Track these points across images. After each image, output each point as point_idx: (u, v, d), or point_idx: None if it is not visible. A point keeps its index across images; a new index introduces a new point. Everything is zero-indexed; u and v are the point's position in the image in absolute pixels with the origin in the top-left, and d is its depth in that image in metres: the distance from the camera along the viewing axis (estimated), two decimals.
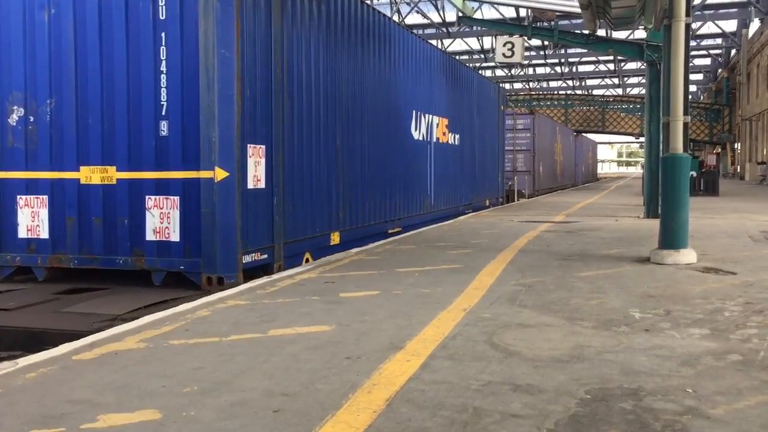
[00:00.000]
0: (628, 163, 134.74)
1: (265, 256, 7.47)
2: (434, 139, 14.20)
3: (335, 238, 9.28)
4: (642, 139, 33.32)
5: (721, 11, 40.08)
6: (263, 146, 7.42)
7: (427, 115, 13.71)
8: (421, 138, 13.33)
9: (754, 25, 41.09)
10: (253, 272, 7.21)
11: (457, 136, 15.87)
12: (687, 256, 7.52)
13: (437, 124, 14.42)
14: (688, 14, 7.82)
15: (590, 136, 58.68)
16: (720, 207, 16.92)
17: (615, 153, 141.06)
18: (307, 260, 8.44)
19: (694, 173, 23.42)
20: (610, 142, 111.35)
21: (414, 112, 12.85)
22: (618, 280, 6.46)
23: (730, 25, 44.48)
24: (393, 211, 11.77)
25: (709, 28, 43.31)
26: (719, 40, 47.13)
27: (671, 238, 7.64)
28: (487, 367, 3.70)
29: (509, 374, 3.56)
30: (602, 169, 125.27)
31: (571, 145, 39.30)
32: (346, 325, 4.70)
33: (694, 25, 34.01)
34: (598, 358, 3.86)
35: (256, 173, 7.25)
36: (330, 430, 2.85)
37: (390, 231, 11.46)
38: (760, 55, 38.61)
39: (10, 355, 5.01)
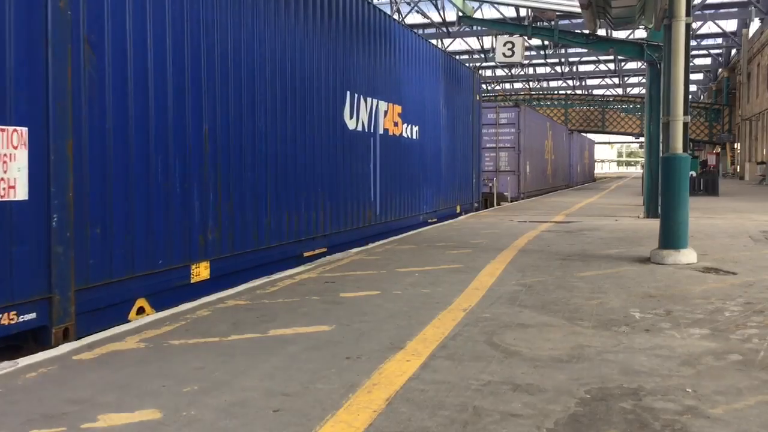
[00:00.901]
0: (628, 163, 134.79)
1: (32, 315, 4.67)
2: (380, 131, 11.15)
3: (201, 272, 6.51)
4: (642, 139, 33.35)
5: (722, 11, 40.08)
6: (23, 129, 4.61)
7: (369, 100, 10.71)
8: (360, 128, 10.37)
9: (755, 24, 41.10)
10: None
11: (416, 129, 12.83)
12: (687, 256, 7.52)
13: (386, 112, 11.36)
14: (688, 14, 7.82)
15: (590, 135, 58.57)
16: (720, 207, 16.92)
17: (615, 153, 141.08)
18: (141, 311, 5.76)
19: (693, 173, 23.41)
20: (610, 142, 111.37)
21: (349, 93, 9.96)
22: (618, 280, 6.46)
23: (731, 25, 44.51)
24: (311, 227, 8.74)
25: (710, 27, 43.34)
26: (719, 40, 47.14)
27: (671, 238, 7.64)
28: (487, 366, 3.70)
29: (509, 374, 3.57)
30: (602, 169, 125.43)
31: (565, 143, 36.85)
32: (346, 325, 4.71)
33: (694, 25, 34.00)
34: (598, 358, 3.86)
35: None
36: (330, 430, 2.85)
37: (307, 254, 8.61)
38: (761, 54, 38.61)
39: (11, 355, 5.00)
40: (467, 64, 17.48)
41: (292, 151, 8.33)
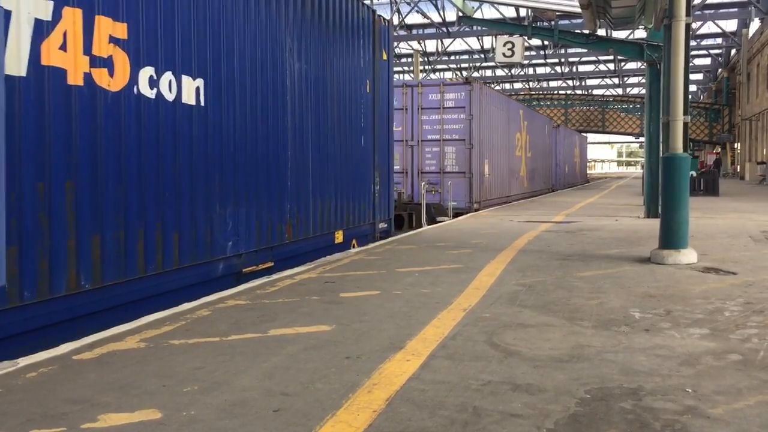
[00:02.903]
0: (628, 163, 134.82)
1: None
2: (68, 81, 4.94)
3: None
4: (642, 139, 33.30)
5: (721, 11, 40.08)
6: None
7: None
8: None
9: (754, 24, 41.10)
10: None
11: (200, 85, 6.50)
12: (687, 256, 7.52)
13: (94, 29, 5.15)
14: (688, 14, 7.82)
15: (590, 135, 58.45)
16: (720, 207, 16.92)
17: (615, 153, 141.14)
18: None
19: (694, 173, 23.33)
20: (610, 142, 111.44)
21: None
22: (618, 280, 6.46)
23: (730, 25, 44.51)
24: None
25: (709, 27, 43.34)
26: (719, 40, 47.14)
27: (671, 238, 7.64)
28: (487, 366, 3.70)
29: (509, 374, 3.57)
30: (602, 169, 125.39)
31: (548, 138, 30.60)
32: (346, 324, 4.71)
33: (694, 25, 34.05)
34: (598, 357, 3.86)
35: None
36: (330, 430, 2.85)
37: None
38: (760, 54, 38.61)
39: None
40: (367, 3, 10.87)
41: None
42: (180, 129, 6.25)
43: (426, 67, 50.92)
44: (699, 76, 59.63)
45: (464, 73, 53.14)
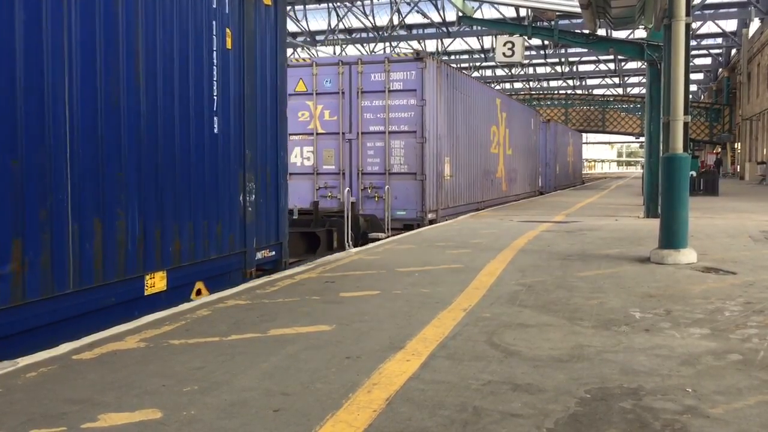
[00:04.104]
0: (628, 163, 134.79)
1: None
2: None
3: None
4: (642, 138, 33.25)
5: (721, 11, 40.08)
6: None
7: None
8: None
9: (754, 24, 41.09)
10: None
11: None
12: (687, 255, 7.52)
13: None
14: (688, 14, 7.82)
15: (590, 135, 58.41)
16: (720, 207, 16.92)
17: (615, 153, 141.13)
18: None
19: (693, 173, 23.27)
20: (610, 141, 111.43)
21: None
22: (618, 279, 6.46)
23: (731, 25, 44.50)
24: None
25: (710, 27, 43.33)
26: (719, 40, 47.14)
27: (671, 237, 7.64)
28: (487, 366, 3.70)
29: (509, 374, 3.57)
30: (602, 169, 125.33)
31: (534, 133, 26.88)
32: (346, 324, 4.71)
33: (694, 25, 34.00)
34: (598, 357, 3.86)
35: None
36: (330, 430, 2.85)
37: None
38: (761, 54, 38.61)
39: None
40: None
41: None
42: None
43: None
44: (699, 76, 59.63)
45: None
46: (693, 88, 64.70)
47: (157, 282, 5.98)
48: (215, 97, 6.76)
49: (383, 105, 13.78)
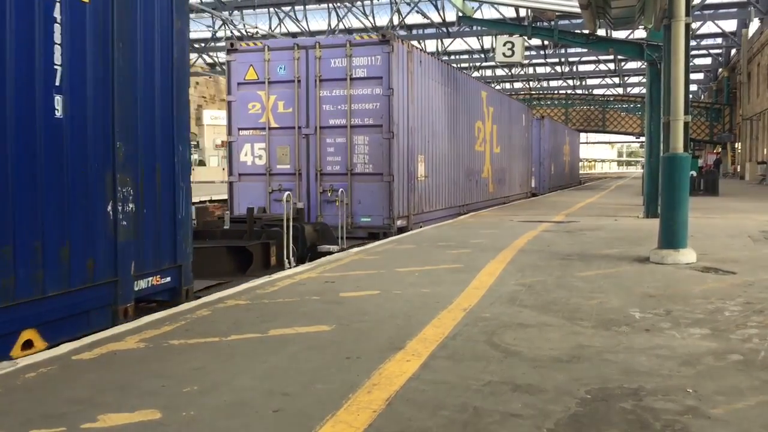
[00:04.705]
0: (629, 163, 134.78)
1: None
2: None
3: None
4: (642, 138, 33.24)
5: (721, 11, 40.08)
6: None
7: None
8: None
9: (754, 24, 41.10)
10: None
11: None
12: (687, 255, 7.52)
13: None
14: (688, 14, 7.82)
15: (590, 135, 58.40)
16: (720, 207, 16.92)
17: (615, 153, 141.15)
18: None
19: (694, 173, 23.20)
20: (610, 141, 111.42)
21: None
22: (618, 279, 6.46)
23: (730, 25, 44.50)
24: None
25: (709, 27, 43.30)
26: (719, 40, 47.13)
27: (671, 237, 7.64)
28: (487, 366, 3.69)
29: (509, 374, 3.56)
30: (602, 169, 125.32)
31: (524, 130, 24.82)
32: (346, 324, 4.70)
33: (694, 25, 33.99)
34: (598, 357, 3.85)
35: None
36: (330, 430, 2.85)
37: None
38: (761, 54, 38.61)
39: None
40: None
41: None
42: None
43: None
44: (699, 76, 59.63)
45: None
46: (693, 88, 64.69)
47: None
48: (57, 68, 4.84)
49: (345, 95, 11.97)
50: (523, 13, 31.05)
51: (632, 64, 53.92)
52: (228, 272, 8.80)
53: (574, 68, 57.10)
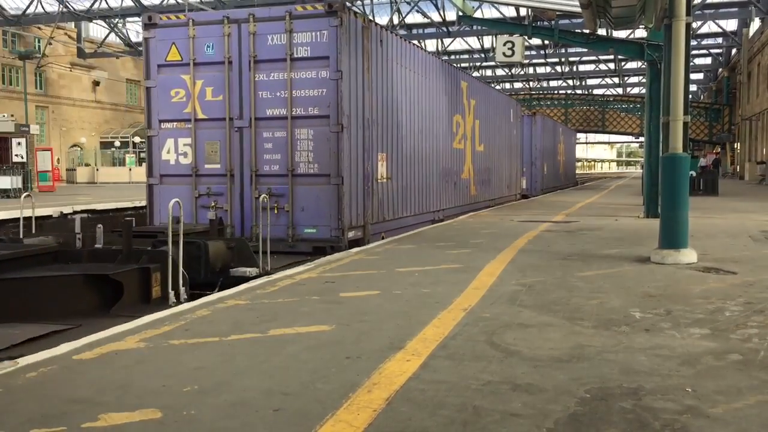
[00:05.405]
0: (628, 163, 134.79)
1: None
2: None
3: None
4: (642, 138, 33.17)
5: (722, 10, 40.06)
6: None
7: None
8: None
9: (755, 24, 41.10)
10: None
11: None
12: (687, 255, 7.52)
13: None
14: (688, 13, 7.81)
15: (590, 135, 58.39)
16: (720, 207, 16.92)
17: (615, 153, 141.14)
18: None
19: (693, 173, 23.14)
20: (610, 141, 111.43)
21: None
22: (618, 279, 6.46)
23: (731, 25, 44.52)
24: None
25: (710, 27, 43.31)
26: (720, 40, 47.13)
27: (671, 237, 7.64)
28: (487, 366, 3.70)
29: (509, 374, 3.56)
30: (602, 169, 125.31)
31: (513, 126, 22.66)
32: (346, 324, 4.71)
33: (694, 25, 33.95)
34: (598, 357, 3.86)
35: None
36: (330, 430, 2.85)
37: None
38: (761, 54, 38.61)
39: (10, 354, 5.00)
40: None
41: None
42: None
43: None
44: (699, 76, 59.62)
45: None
46: (693, 88, 64.70)
47: None
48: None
49: (285, 79, 9.92)
50: (523, 12, 31.05)
51: (632, 64, 53.93)
52: (85, 310, 6.51)
53: (574, 68, 57.11)
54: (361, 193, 10.50)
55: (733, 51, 47.87)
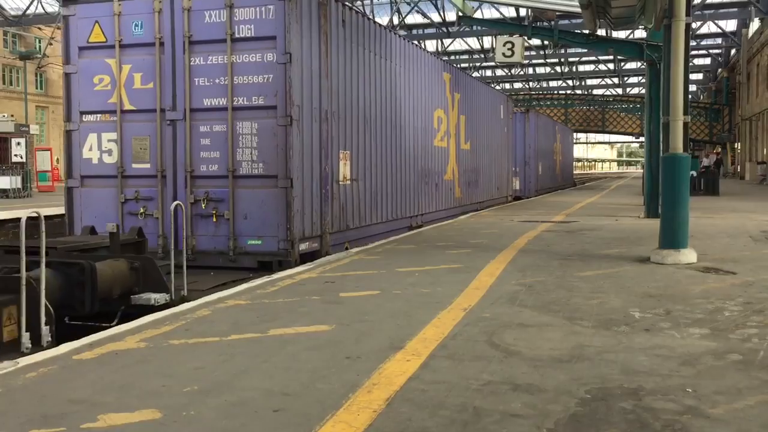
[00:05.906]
0: (628, 163, 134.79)
1: None
2: None
3: None
4: (642, 138, 33.16)
5: (721, 11, 40.07)
6: None
7: None
8: None
9: (754, 24, 41.08)
10: None
11: None
12: (687, 255, 7.52)
13: None
14: (688, 14, 7.82)
15: (590, 135, 58.39)
16: (720, 207, 16.92)
17: (615, 153, 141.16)
18: None
19: (694, 173, 23.07)
20: (610, 141, 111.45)
21: None
22: (618, 279, 6.46)
23: (730, 25, 44.50)
24: None
25: (709, 27, 43.33)
26: (719, 40, 47.14)
27: (671, 237, 7.64)
28: (487, 366, 3.70)
29: (509, 374, 3.56)
30: (602, 169, 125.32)
31: (503, 123, 21.30)
32: (346, 324, 4.70)
33: (694, 25, 33.97)
34: (598, 357, 3.86)
35: None
36: (330, 430, 2.85)
37: None
38: (760, 54, 38.60)
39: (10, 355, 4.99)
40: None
41: None
42: None
43: None
44: (699, 76, 59.63)
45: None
46: (692, 88, 64.69)
47: None
48: None
49: (225, 63, 8.53)
50: (523, 12, 31.08)
51: (632, 64, 53.95)
52: None
53: (574, 68, 57.13)
54: (318, 197, 9.07)
55: (733, 51, 47.88)
